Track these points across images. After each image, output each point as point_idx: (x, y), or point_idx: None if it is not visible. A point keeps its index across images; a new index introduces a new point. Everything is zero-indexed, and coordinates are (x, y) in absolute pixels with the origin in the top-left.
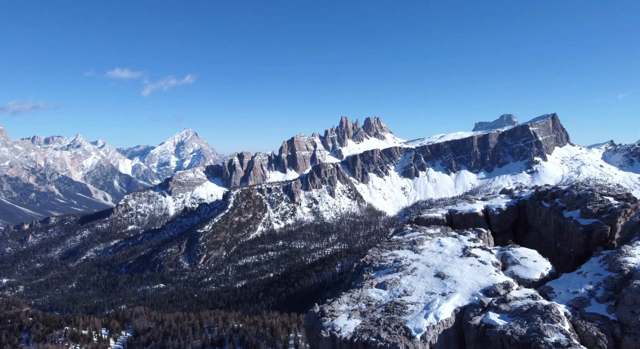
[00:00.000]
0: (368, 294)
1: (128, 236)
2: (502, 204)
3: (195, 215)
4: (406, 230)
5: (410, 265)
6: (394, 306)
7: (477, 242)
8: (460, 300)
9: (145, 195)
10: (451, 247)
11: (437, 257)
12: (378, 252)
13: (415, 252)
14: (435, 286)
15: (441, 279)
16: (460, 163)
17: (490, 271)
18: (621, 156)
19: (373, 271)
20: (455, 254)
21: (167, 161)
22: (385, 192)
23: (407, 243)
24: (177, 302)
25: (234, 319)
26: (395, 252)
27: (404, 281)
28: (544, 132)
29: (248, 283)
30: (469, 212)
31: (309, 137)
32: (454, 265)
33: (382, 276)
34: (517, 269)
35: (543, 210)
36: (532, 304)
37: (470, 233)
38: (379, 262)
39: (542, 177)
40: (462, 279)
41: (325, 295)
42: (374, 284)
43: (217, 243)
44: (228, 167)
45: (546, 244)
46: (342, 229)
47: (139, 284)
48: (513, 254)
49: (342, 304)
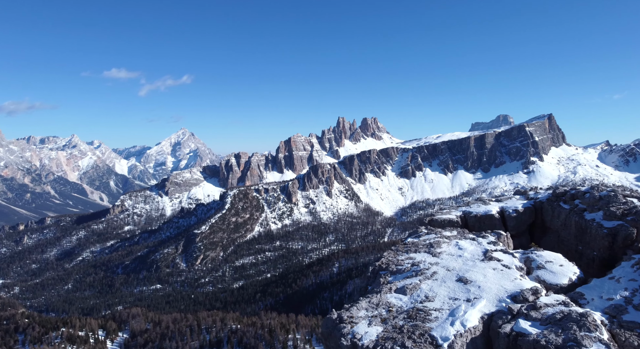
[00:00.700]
0: (387, 300)
1: (124, 237)
2: (518, 206)
3: (192, 215)
4: (421, 232)
5: (429, 269)
6: (417, 312)
7: (497, 245)
8: (486, 306)
9: (142, 195)
10: (470, 250)
11: (457, 261)
12: (394, 255)
13: (434, 256)
14: (458, 291)
15: (464, 284)
16: (457, 163)
17: (515, 275)
18: (617, 156)
19: (390, 275)
20: (476, 258)
21: (163, 162)
22: (383, 192)
23: (423, 246)
24: (174, 303)
25: (232, 320)
26: (412, 256)
27: (424, 286)
28: (540, 133)
29: (245, 284)
30: (484, 213)
31: (306, 138)
32: (475, 269)
33: (400, 281)
34: (543, 273)
35: (562, 212)
36: (565, 312)
37: (489, 236)
38: (396, 266)
39: (538, 178)
40: (486, 284)
41: (323, 295)
42: (392, 289)
43: (214, 244)
44: (225, 168)
45: (566, 246)
46: (339, 229)
47: (135, 285)
48: (537, 258)
49: (360, 310)
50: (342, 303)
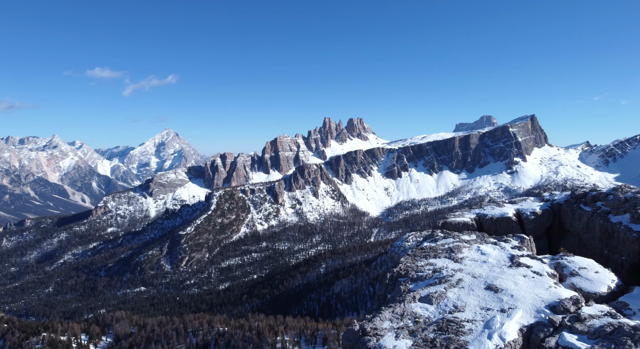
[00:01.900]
0: (412, 310)
1: (107, 239)
2: (535, 208)
3: (177, 217)
4: (437, 236)
5: (453, 276)
6: (447, 324)
7: (522, 250)
8: (524, 317)
9: (125, 196)
10: (495, 255)
11: (482, 267)
12: (412, 261)
13: (456, 262)
14: (490, 300)
15: (494, 292)
16: (442, 164)
17: (549, 283)
18: (597, 156)
19: (410, 282)
20: (503, 264)
21: (147, 162)
22: (369, 192)
23: (443, 251)
24: (159, 305)
25: (219, 323)
26: (433, 262)
27: (451, 295)
28: (523, 133)
29: (231, 285)
30: (501, 216)
31: (292, 138)
32: (504, 276)
33: (423, 289)
34: (578, 281)
35: (584, 214)
36: (615, 324)
37: (511, 240)
38: (416, 272)
39: (521, 178)
40: (519, 292)
41: (311, 296)
42: (417, 298)
43: (199, 245)
44: (210, 168)
45: (589, 251)
46: (325, 229)
47: (119, 288)
48: (569, 264)
49: (384, 321)
50: (329, 304)
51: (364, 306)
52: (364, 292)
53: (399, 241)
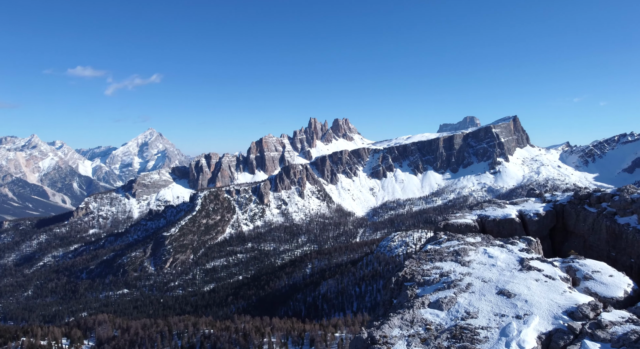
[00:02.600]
0: (422, 316)
1: (89, 240)
2: (539, 209)
3: (161, 218)
4: (441, 239)
5: (462, 280)
6: (461, 331)
7: (530, 252)
8: (541, 324)
9: (108, 197)
10: (503, 259)
11: (491, 271)
12: (417, 264)
13: (463, 265)
14: (503, 306)
15: (507, 297)
16: (426, 164)
17: (562, 287)
18: (577, 156)
19: (417, 286)
20: (513, 268)
21: (130, 162)
22: (354, 193)
23: (448, 254)
24: (142, 308)
25: (205, 325)
26: (439, 265)
27: (462, 300)
28: (505, 134)
29: (217, 287)
30: (504, 217)
31: (278, 138)
32: (516, 280)
33: (432, 294)
34: (592, 285)
35: (589, 215)
36: (639, 332)
37: (518, 242)
38: (422, 276)
39: (504, 178)
40: (534, 298)
41: (297, 297)
42: (426, 304)
43: (184, 246)
44: (195, 169)
45: (596, 253)
46: (311, 230)
47: (101, 290)
48: (581, 267)
49: (394, 329)
50: (315, 304)
51: (350, 306)
52: (350, 292)
53: (385, 241)
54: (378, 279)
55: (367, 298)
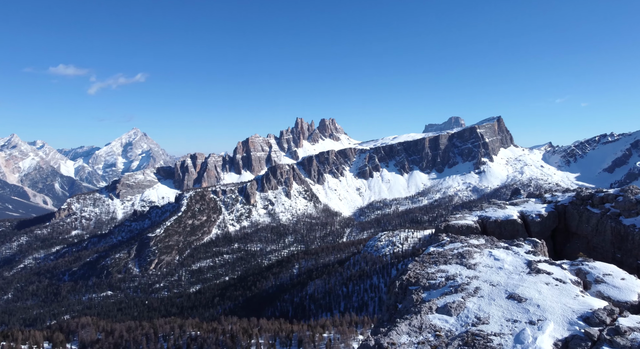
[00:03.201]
0: (431, 322)
1: (71, 242)
2: (540, 210)
3: (146, 218)
4: (443, 241)
5: (469, 284)
6: (473, 338)
7: (537, 255)
8: (557, 330)
9: (91, 198)
10: (510, 261)
11: (498, 274)
12: (421, 267)
13: (469, 268)
14: (514, 311)
15: (518, 302)
16: (412, 164)
17: (575, 291)
18: (559, 157)
19: (422, 290)
20: (521, 271)
21: (113, 163)
22: (341, 193)
23: (453, 257)
24: (127, 310)
25: (191, 327)
26: (444, 268)
27: (471, 305)
28: (490, 134)
29: (203, 288)
30: (505, 219)
31: (264, 138)
32: (525, 284)
33: (439, 298)
34: (605, 289)
35: (592, 216)
36: None
37: (523, 244)
38: (427, 280)
39: (489, 178)
40: (546, 302)
41: (284, 297)
42: (433, 309)
43: (169, 247)
44: (180, 169)
45: (600, 254)
46: (298, 230)
47: (84, 293)
48: (591, 270)
49: (402, 335)
50: (303, 305)
51: (337, 306)
52: (337, 292)
53: (372, 240)
54: (365, 279)
55: (354, 298)
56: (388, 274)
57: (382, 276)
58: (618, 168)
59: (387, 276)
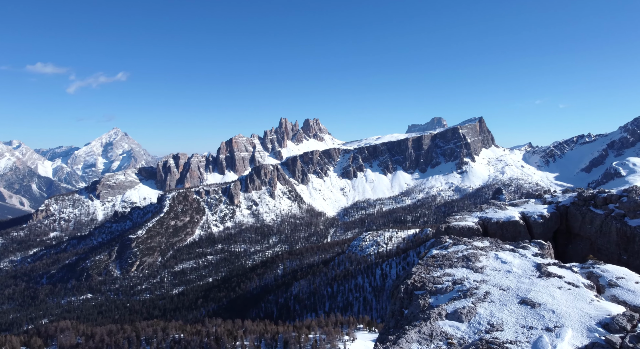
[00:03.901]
0: (441, 329)
1: (50, 244)
2: (542, 211)
3: (127, 220)
4: (446, 243)
5: (478, 288)
6: (488, 346)
7: (545, 257)
8: (576, 338)
9: (70, 199)
10: (518, 264)
11: (507, 278)
12: (425, 271)
13: (476, 272)
14: (529, 317)
15: (531, 307)
16: (396, 164)
17: (589, 296)
18: (539, 157)
19: (429, 295)
20: (530, 274)
21: (93, 163)
22: (325, 193)
23: (458, 260)
24: (107, 313)
25: (175, 329)
26: (450, 272)
27: (482, 310)
28: (472, 135)
29: (186, 289)
30: (507, 220)
31: (248, 138)
32: (537, 288)
33: (447, 304)
34: (619, 293)
35: (596, 217)
36: None
37: (529, 246)
38: (433, 284)
39: (471, 177)
40: (560, 307)
41: (269, 298)
42: (443, 315)
43: (151, 249)
44: (162, 169)
45: (605, 256)
46: (282, 230)
47: (63, 296)
48: (604, 274)
49: (412, 343)
50: (287, 306)
51: (322, 306)
52: (322, 292)
53: (356, 240)
54: (350, 279)
55: (339, 298)
56: (373, 274)
57: (366, 276)
58: (595, 168)
59: (371, 276)
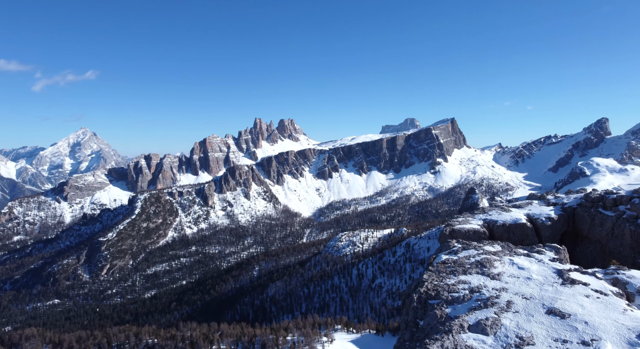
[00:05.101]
0: (466, 343)
1: (13, 248)
2: (550, 213)
3: (97, 222)
4: (455, 247)
5: (499, 297)
6: None
7: (563, 263)
8: None
9: (35, 201)
10: (536, 270)
11: (528, 285)
12: (438, 278)
13: (493, 279)
14: (561, 329)
15: (561, 318)
16: (370, 164)
17: (621, 305)
18: (508, 157)
19: (445, 305)
20: (553, 281)
21: (60, 164)
22: (301, 193)
23: (471, 266)
24: (76, 318)
25: (148, 334)
26: (465, 279)
27: (507, 322)
28: (444, 135)
29: (158, 293)
30: (514, 222)
31: (222, 139)
32: (563, 297)
33: (468, 314)
34: None
35: (607, 219)
36: None
37: (544, 251)
38: (449, 293)
39: (444, 177)
40: (593, 318)
41: (244, 300)
42: (465, 327)
43: (122, 252)
44: (134, 170)
45: (617, 259)
46: (258, 231)
47: (28, 302)
48: (630, 280)
49: None
50: (264, 307)
51: (298, 307)
52: (298, 293)
53: (332, 241)
54: (326, 279)
55: (315, 299)
56: (349, 274)
57: (343, 276)
58: (561, 168)
59: (347, 276)
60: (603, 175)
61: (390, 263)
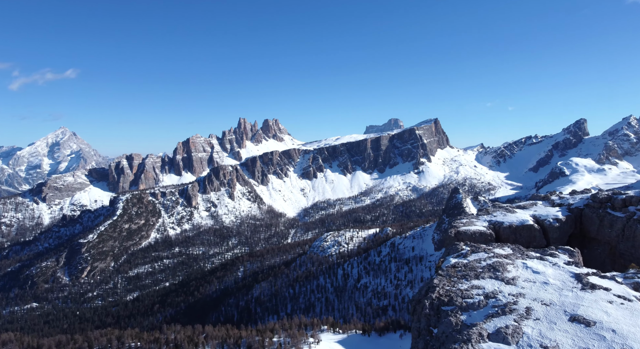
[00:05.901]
0: None
1: None
2: (557, 214)
3: (77, 223)
4: (463, 250)
5: (517, 303)
6: None
7: (580, 266)
8: None
9: (12, 202)
10: (553, 275)
11: (546, 290)
12: (449, 283)
13: (507, 283)
14: (587, 338)
15: (586, 326)
16: (355, 164)
17: None
18: (490, 157)
19: (460, 312)
20: (572, 286)
21: (38, 164)
22: (285, 193)
23: (483, 269)
24: (55, 322)
25: (131, 338)
26: (478, 284)
27: (529, 330)
28: (428, 136)
29: (141, 295)
30: (521, 224)
31: (206, 139)
32: (585, 303)
33: (485, 322)
34: None
35: (617, 220)
36: None
37: (558, 254)
38: (462, 299)
39: (427, 177)
40: (620, 326)
41: (229, 301)
42: (484, 336)
43: (103, 253)
44: (115, 170)
45: (628, 262)
46: (242, 232)
47: (4, 306)
48: None
49: None
50: (249, 308)
51: (284, 308)
52: (284, 294)
53: (318, 241)
54: (312, 279)
55: (301, 299)
56: (334, 274)
57: (328, 277)
58: (542, 168)
59: (333, 276)
60: (582, 175)
61: (376, 262)
